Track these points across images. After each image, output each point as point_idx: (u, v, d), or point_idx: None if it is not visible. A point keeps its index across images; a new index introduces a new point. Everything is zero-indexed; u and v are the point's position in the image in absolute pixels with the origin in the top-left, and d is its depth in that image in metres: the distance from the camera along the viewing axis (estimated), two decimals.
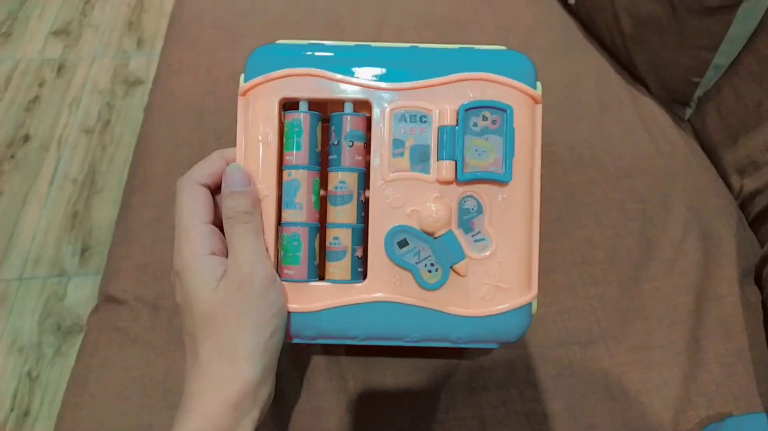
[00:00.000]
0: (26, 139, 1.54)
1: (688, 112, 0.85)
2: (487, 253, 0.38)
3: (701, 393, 0.58)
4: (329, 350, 0.59)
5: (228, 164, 0.39)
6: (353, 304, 0.38)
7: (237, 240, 0.37)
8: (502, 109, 0.38)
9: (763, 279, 0.66)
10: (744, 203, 0.75)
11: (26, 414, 1.10)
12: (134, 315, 0.64)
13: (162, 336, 0.62)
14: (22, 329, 1.21)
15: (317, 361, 0.59)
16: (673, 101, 0.85)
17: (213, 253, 0.37)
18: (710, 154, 0.81)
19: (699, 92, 0.82)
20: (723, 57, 0.78)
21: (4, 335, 1.20)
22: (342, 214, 0.39)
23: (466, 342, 0.40)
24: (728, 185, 0.78)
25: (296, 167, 0.39)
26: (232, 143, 0.40)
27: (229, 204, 0.37)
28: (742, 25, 0.75)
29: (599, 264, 0.67)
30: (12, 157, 1.50)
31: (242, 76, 0.39)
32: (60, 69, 1.71)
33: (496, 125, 0.38)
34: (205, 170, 0.39)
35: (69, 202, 1.41)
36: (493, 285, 0.39)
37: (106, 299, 0.66)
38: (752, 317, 0.63)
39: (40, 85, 1.66)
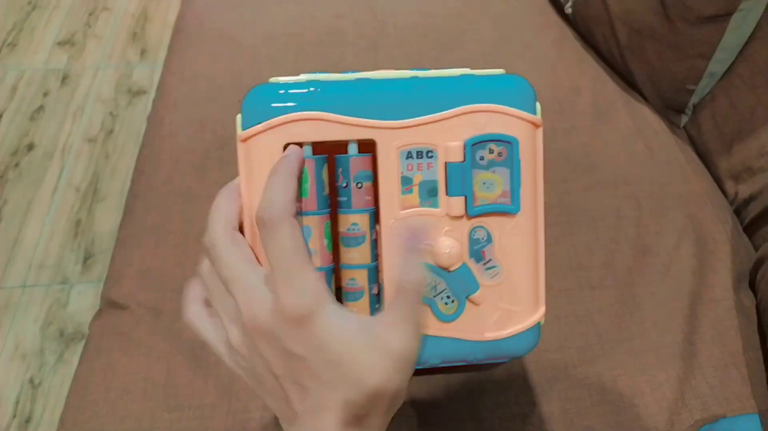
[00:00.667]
0: (30, 147, 1.55)
1: (684, 120, 0.86)
2: (499, 280, 0.39)
3: (695, 396, 0.58)
4: None
5: None
6: None
7: (419, 314, 0.34)
8: (508, 142, 0.38)
9: (757, 284, 0.66)
10: (739, 209, 0.76)
11: (28, 420, 1.11)
12: (136, 320, 0.65)
13: (163, 341, 0.62)
14: (25, 336, 1.22)
15: None
16: (669, 109, 0.86)
17: None
18: (705, 160, 0.82)
19: (694, 100, 0.83)
20: (717, 65, 0.79)
21: (7, 342, 1.21)
22: (356, 255, 0.39)
23: (480, 361, 0.41)
24: (723, 191, 0.78)
25: (306, 213, 0.38)
26: (234, 151, 0.40)
27: (422, 278, 0.35)
28: (735, 34, 0.76)
29: (595, 269, 0.68)
30: (16, 165, 1.51)
31: (238, 118, 0.38)
32: (64, 79, 1.73)
33: (502, 157, 0.38)
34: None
35: (72, 210, 1.42)
36: (506, 309, 0.39)
37: (109, 304, 0.67)
38: (746, 321, 0.64)
39: (45, 94, 1.68)
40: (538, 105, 0.40)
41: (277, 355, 0.31)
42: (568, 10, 0.98)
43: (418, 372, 0.58)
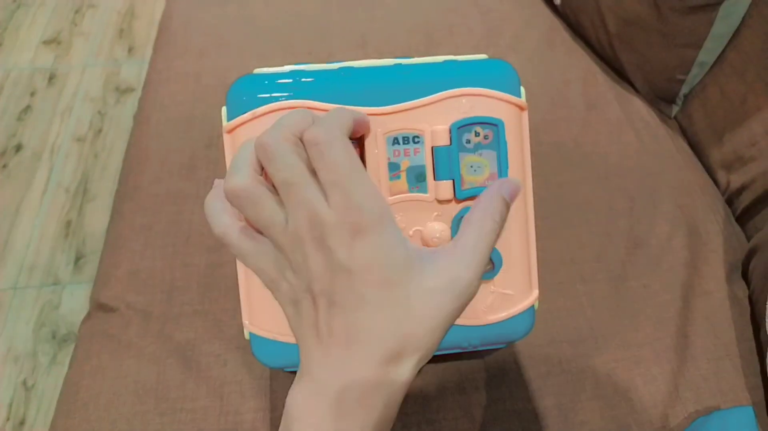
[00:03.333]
0: (18, 148, 1.54)
1: (675, 110, 0.85)
2: (491, 265, 0.39)
3: (689, 388, 0.58)
4: None
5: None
6: None
7: (488, 247, 0.31)
8: (493, 124, 0.38)
9: (749, 274, 0.66)
10: (731, 199, 0.76)
11: (22, 423, 1.10)
12: (125, 323, 0.64)
13: (153, 343, 0.62)
14: (17, 338, 1.21)
15: None
16: (659, 99, 0.86)
17: None
18: (697, 150, 0.82)
19: (684, 89, 0.83)
20: (707, 54, 0.79)
21: None
22: None
23: (476, 347, 0.41)
24: (715, 181, 0.78)
25: None
26: (222, 150, 0.39)
27: (502, 211, 0.32)
28: (724, 23, 0.76)
29: (588, 262, 0.68)
30: (4, 166, 1.50)
31: (223, 110, 0.38)
32: (51, 78, 1.71)
33: (488, 140, 0.38)
34: (344, 123, 0.31)
35: (62, 211, 1.41)
36: (500, 293, 0.40)
37: (98, 307, 0.67)
38: (739, 312, 0.64)
39: (32, 94, 1.66)
40: (522, 89, 0.40)
41: (325, 267, 0.28)
42: (558, 1, 0.97)
43: None
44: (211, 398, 0.58)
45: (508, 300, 0.40)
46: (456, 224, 0.39)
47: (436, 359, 0.59)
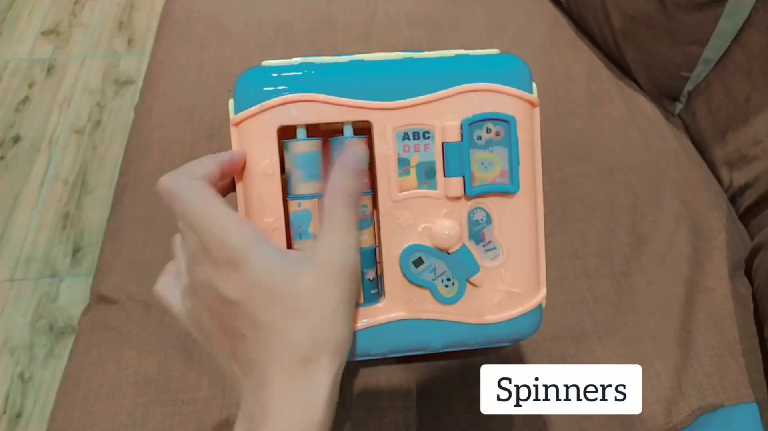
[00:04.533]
0: (16, 139, 1.53)
1: (678, 107, 0.85)
2: (499, 261, 0.39)
3: (692, 385, 0.58)
4: None
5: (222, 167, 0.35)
6: (374, 325, 0.38)
7: (347, 221, 0.32)
8: (505, 121, 0.37)
9: (753, 272, 0.66)
10: (734, 197, 0.76)
11: (18, 415, 1.09)
12: (126, 314, 0.63)
13: (154, 335, 0.61)
14: (14, 330, 1.20)
15: None
16: (663, 96, 0.85)
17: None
18: (700, 148, 0.82)
19: (689, 87, 0.83)
20: (712, 51, 0.79)
21: None
22: (365, 238, 0.38)
23: (482, 345, 0.40)
24: (718, 179, 0.78)
25: (304, 197, 0.37)
26: (224, 140, 0.39)
27: (348, 182, 0.33)
28: (730, 20, 0.76)
29: (591, 258, 0.68)
30: (2, 158, 1.49)
31: (230, 103, 0.37)
32: (50, 69, 1.70)
33: (499, 136, 0.38)
34: (197, 170, 0.34)
35: (60, 203, 1.40)
36: (507, 291, 0.39)
37: (98, 298, 0.66)
38: (742, 309, 0.64)
39: (30, 85, 1.65)
40: (534, 85, 0.39)
41: (217, 305, 0.31)
42: None
43: (417, 359, 0.58)
44: (213, 390, 0.58)
45: (516, 298, 0.39)
46: (467, 222, 0.38)
47: (441, 356, 0.58)
